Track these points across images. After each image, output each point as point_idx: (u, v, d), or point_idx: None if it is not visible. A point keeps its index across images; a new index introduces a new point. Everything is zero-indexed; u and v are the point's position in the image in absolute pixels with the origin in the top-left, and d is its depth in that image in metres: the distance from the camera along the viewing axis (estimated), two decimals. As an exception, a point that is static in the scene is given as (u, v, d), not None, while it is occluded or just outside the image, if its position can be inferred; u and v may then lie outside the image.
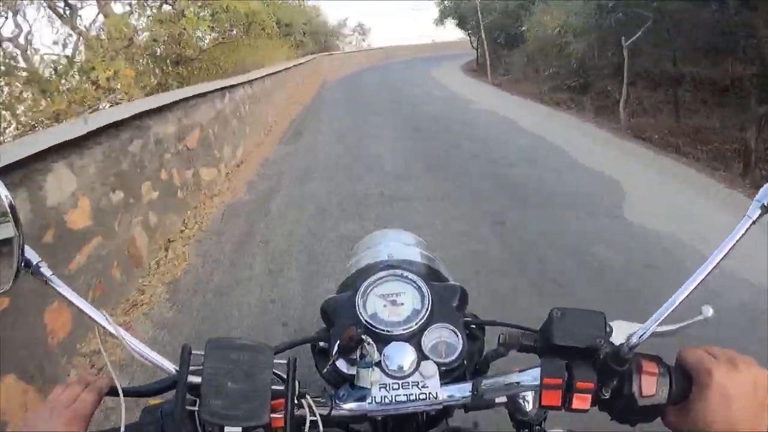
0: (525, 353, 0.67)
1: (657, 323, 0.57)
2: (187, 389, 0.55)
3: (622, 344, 0.56)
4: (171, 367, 0.62)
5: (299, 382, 0.59)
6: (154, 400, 0.65)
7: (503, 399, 0.69)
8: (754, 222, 0.59)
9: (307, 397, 0.61)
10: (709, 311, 0.57)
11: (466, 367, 0.71)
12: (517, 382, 0.62)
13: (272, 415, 0.56)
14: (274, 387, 0.57)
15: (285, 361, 0.60)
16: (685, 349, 0.57)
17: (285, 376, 0.59)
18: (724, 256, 0.59)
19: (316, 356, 0.74)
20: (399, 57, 32.98)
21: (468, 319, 0.75)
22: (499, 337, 0.70)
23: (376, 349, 0.67)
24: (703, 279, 0.58)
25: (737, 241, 0.59)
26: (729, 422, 0.53)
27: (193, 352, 0.56)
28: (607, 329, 0.60)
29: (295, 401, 0.59)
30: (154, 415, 0.61)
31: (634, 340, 0.56)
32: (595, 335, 0.59)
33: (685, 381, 0.56)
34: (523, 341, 0.67)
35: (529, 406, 0.73)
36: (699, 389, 0.54)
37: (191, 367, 0.56)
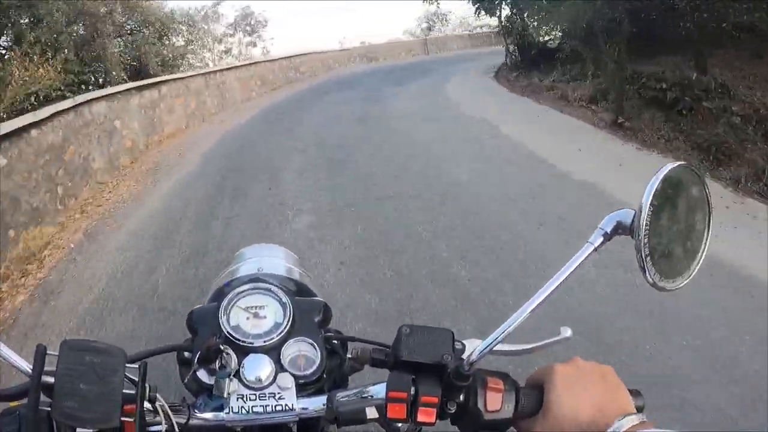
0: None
1: (497, 341, 0.61)
2: (42, 390, 0.56)
3: (462, 361, 0.60)
4: (27, 367, 0.60)
5: (150, 386, 0.60)
6: (13, 403, 0.63)
7: (374, 414, 0.66)
8: (595, 249, 0.62)
9: (162, 403, 0.62)
10: (567, 332, 0.64)
11: (326, 381, 0.74)
12: (370, 396, 0.65)
13: (125, 419, 0.57)
14: (126, 391, 0.58)
15: (136, 366, 0.60)
16: (538, 368, 0.61)
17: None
18: (564, 279, 0.61)
19: (180, 365, 0.75)
20: (329, 75, 18.51)
21: (330, 334, 0.79)
22: (351, 351, 0.74)
23: (235, 359, 0.69)
24: (542, 301, 0.61)
25: (578, 266, 0.62)
26: (579, 418, 0.55)
27: (48, 352, 0.57)
28: (458, 345, 0.65)
29: (150, 407, 0.61)
30: (13, 418, 0.61)
31: (474, 357, 0.61)
32: (441, 351, 0.62)
33: (538, 395, 0.59)
34: (374, 356, 0.70)
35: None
36: (548, 397, 0.57)
37: (47, 368, 0.57)
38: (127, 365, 0.59)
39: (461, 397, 0.61)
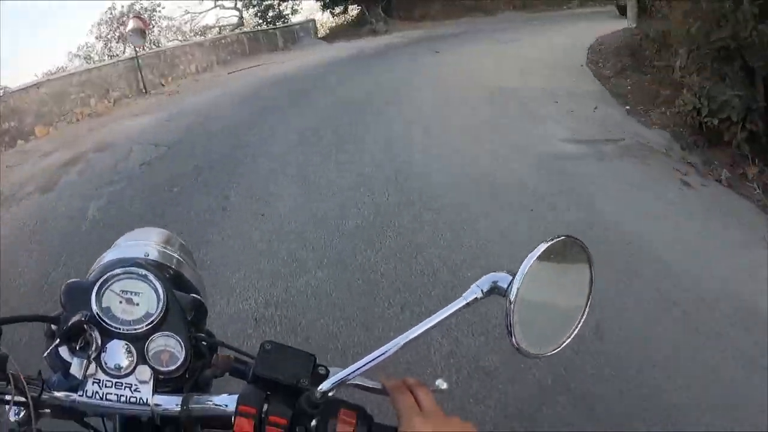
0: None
1: (354, 374, 0.64)
2: None
3: (314, 388, 0.64)
4: None
5: (1, 354, 0.64)
6: None
7: None
8: (467, 304, 0.66)
9: (14, 372, 0.64)
10: (443, 384, 0.68)
11: (186, 381, 0.74)
12: (224, 405, 0.68)
13: None
14: None
15: None
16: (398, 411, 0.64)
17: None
18: (432, 327, 0.66)
19: (46, 338, 0.75)
20: None
21: (200, 335, 0.78)
22: (212, 357, 0.77)
23: (98, 342, 0.70)
24: (408, 341, 0.66)
25: (448, 315, 0.66)
26: None
27: None
28: (321, 371, 0.68)
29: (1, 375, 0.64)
30: None
31: (326, 387, 0.64)
32: (299, 374, 0.66)
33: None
34: (234, 365, 0.76)
35: None
36: None
37: None
38: None
39: (312, 424, 0.63)
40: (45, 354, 0.70)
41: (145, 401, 0.68)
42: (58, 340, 0.69)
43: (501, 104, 7.59)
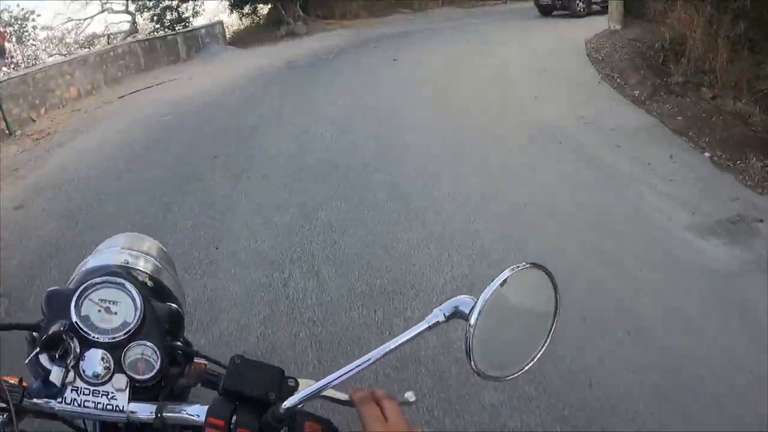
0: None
1: (321, 389, 0.65)
2: None
3: (279, 403, 0.65)
4: None
5: None
6: None
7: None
8: (429, 327, 0.67)
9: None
10: (412, 397, 0.71)
11: (162, 389, 0.75)
12: (196, 415, 0.69)
13: None
14: None
15: None
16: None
17: None
18: (397, 347, 0.67)
19: (28, 345, 0.76)
20: None
21: (177, 344, 0.79)
22: (188, 366, 0.77)
23: (77, 350, 0.71)
24: (376, 360, 0.66)
25: (410, 338, 0.67)
26: None
27: None
28: (291, 383, 0.70)
29: None
30: None
31: (291, 402, 0.65)
32: (267, 388, 0.67)
33: None
34: (206, 376, 0.76)
35: None
36: None
37: None
38: None
39: None
40: (26, 361, 0.72)
41: (121, 408, 0.70)
42: (39, 348, 0.70)
43: (549, 152, 5.29)
